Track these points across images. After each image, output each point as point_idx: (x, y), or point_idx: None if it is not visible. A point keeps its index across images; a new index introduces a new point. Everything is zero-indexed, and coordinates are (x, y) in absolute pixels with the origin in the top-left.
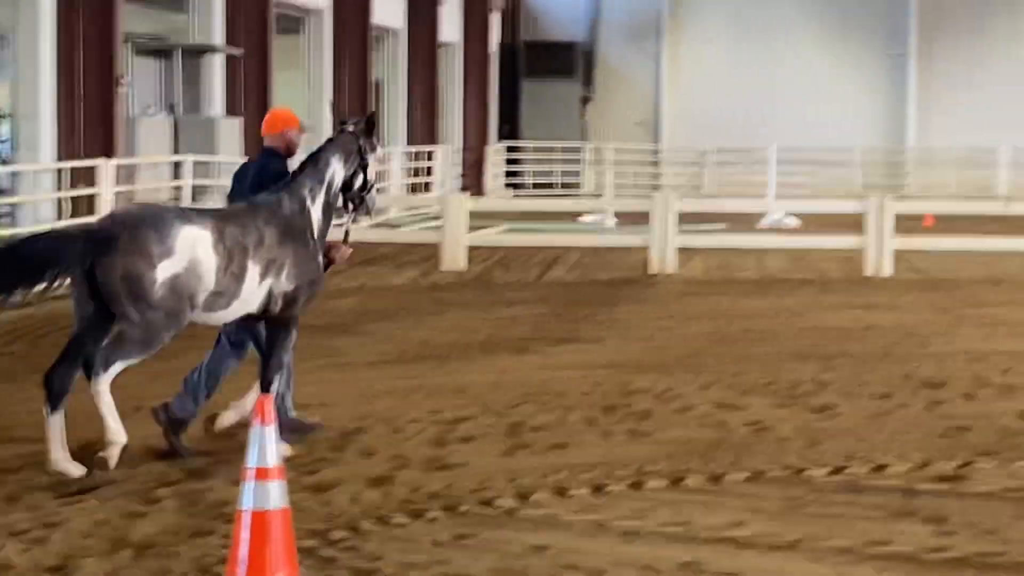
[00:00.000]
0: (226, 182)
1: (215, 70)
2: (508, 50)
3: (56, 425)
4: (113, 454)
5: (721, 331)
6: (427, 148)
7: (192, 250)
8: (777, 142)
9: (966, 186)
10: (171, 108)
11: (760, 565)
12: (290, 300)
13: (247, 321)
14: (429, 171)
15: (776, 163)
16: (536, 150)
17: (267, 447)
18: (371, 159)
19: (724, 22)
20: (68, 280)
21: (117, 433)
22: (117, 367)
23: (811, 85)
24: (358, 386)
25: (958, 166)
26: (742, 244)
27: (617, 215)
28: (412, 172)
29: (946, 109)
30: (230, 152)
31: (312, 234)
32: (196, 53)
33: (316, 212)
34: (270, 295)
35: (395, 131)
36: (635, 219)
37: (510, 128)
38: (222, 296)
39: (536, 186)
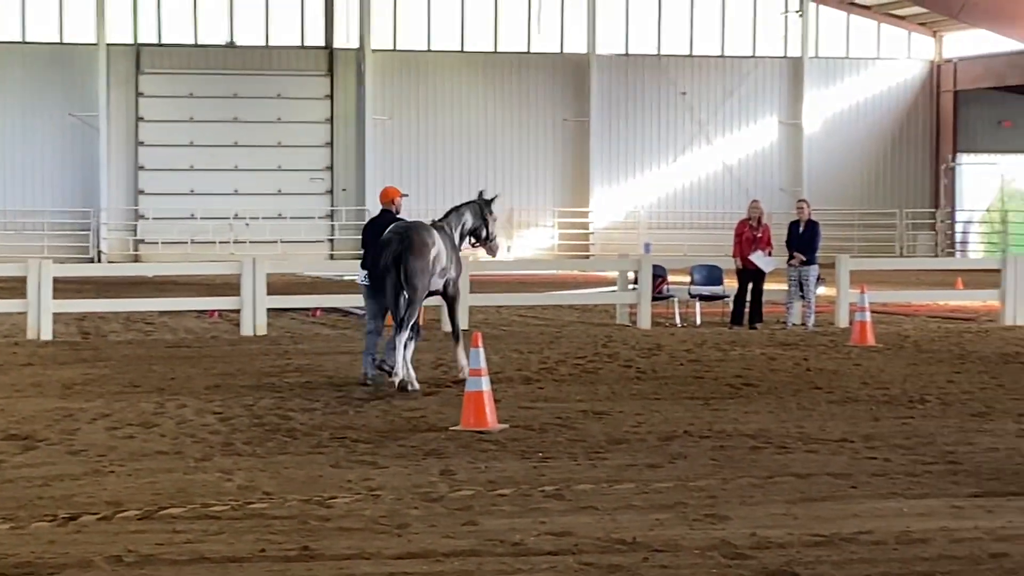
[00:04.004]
0: None
1: None
2: None
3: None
4: (401, 381)
5: None
6: None
7: (439, 244)
8: None
9: None
10: None
11: None
12: (455, 282)
13: (429, 295)
14: None
15: None
16: None
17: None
18: (491, 219)
19: None
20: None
21: (399, 367)
22: (409, 321)
23: None
24: None
25: None
26: None
27: None
28: None
29: None
30: None
31: (457, 247)
32: None
33: (456, 236)
34: (447, 279)
35: None
36: None
37: None
38: (445, 271)
39: None
